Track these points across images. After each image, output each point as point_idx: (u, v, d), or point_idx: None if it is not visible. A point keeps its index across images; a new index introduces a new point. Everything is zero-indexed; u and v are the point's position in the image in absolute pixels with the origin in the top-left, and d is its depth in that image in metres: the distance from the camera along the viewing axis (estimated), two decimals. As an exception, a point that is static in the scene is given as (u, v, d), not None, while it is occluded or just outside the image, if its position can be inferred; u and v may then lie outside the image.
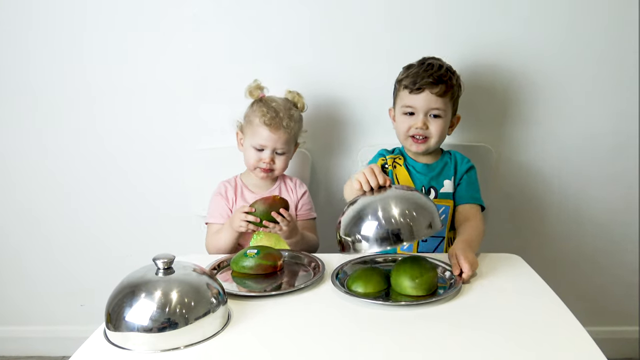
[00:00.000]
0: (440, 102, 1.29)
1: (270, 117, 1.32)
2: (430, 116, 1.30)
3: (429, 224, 0.97)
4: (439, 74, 1.28)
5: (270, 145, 1.34)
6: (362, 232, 0.95)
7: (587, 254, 1.69)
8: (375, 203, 0.98)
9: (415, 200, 1.00)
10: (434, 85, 1.27)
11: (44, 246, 1.75)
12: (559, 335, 0.83)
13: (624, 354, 1.71)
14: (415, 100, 1.30)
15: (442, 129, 1.31)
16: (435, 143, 1.33)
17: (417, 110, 1.30)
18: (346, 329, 0.87)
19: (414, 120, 1.31)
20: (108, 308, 0.84)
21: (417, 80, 1.28)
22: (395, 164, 1.37)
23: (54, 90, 1.61)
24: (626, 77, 1.54)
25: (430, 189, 1.34)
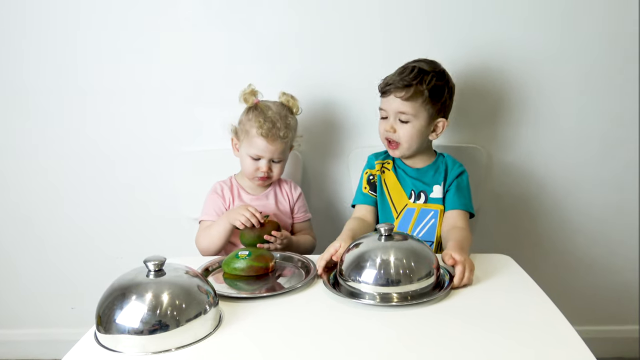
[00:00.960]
0: (407, 106, 1.25)
1: (267, 128, 1.30)
2: (399, 121, 1.28)
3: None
4: (407, 78, 1.25)
5: (267, 156, 1.34)
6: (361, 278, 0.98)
7: (579, 254, 1.70)
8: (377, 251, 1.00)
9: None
10: (399, 89, 1.25)
11: (35, 248, 1.74)
12: (548, 335, 0.84)
13: (623, 353, 1.72)
14: (384, 103, 1.30)
15: (411, 134, 1.28)
16: (407, 149, 1.30)
17: (387, 113, 1.29)
18: (338, 330, 0.87)
19: (385, 124, 1.30)
20: (99, 311, 0.84)
21: (387, 83, 1.28)
22: (383, 169, 1.36)
23: (47, 91, 1.60)
24: (617, 78, 1.55)
25: (420, 193, 1.33)
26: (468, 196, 1.32)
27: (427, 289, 0.97)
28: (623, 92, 1.56)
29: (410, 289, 0.95)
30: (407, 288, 0.95)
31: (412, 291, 0.95)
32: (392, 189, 1.34)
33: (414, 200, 1.32)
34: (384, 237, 1.00)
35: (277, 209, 1.41)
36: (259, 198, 1.41)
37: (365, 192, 1.36)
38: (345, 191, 1.63)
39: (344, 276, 1.00)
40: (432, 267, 0.99)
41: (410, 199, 1.32)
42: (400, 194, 1.33)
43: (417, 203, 1.32)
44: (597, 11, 1.50)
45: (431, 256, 1.01)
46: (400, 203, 1.33)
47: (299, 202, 1.45)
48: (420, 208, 1.31)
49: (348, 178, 1.59)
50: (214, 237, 1.31)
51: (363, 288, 0.96)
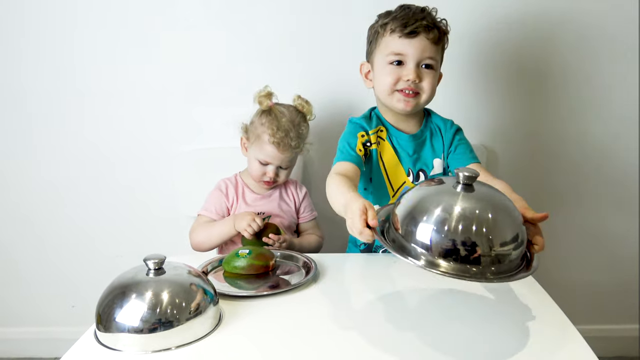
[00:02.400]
0: (434, 50, 1.11)
1: (279, 137, 1.28)
2: (422, 67, 1.12)
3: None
4: (432, 18, 1.12)
5: (276, 163, 1.33)
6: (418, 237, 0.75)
7: (579, 253, 1.69)
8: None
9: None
10: (429, 29, 1.10)
11: (35, 247, 1.74)
12: (550, 334, 0.83)
13: (624, 352, 1.72)
14: (408, 46, 1.10)
15: (434, 83, 1.14)
16: (425, 101, 1.15)
17: (407, 58, 1.11)
18: (339, 328, 0.87)
19: (404, 71, 1.12)
20: (98, 309, 0.83)
21: (410, 23, 1.09)
22: (378, 139, 1.18)
23: (46, 91, 1.60)
24: (618, 78, 1.54)
25: (419, 172, 1.20)
26: (471, 149, 1.21)
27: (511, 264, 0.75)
28: (624, 91, 1.56)
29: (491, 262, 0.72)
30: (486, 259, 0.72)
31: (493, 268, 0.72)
32: (388, 165, 1.19)
33: (413, 179, 1.20)
34: (461, 185, 0.77)
35: (281, 209, 1.41)
36: (264, 197, 1.41)
37: (359, 154, 1.14)
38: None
39: (401, 231, 0.77)
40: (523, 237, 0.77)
41: (408, 177, 1.20)
42: (397, 169, 1.19)
43: (417, 184, 1.18)
44: (597, 11, 1.50)
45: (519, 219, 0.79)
46: (398, 180, 1.19)
47: (304, 202, 1.45)
48: None
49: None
50: (213, 236, 1.31)
51: (422, 249, 0.74)
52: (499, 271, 0.73)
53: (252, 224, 1.24)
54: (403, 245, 0.76)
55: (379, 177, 1.19)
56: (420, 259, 0.73)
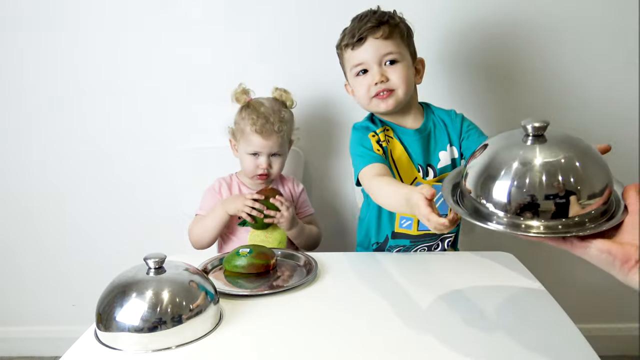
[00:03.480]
0: (390, 45, 1.12)
1: (261, 124, 1.30)
2: (386, 64, 1.14)
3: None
4: (376, 17, 1.13)
5: (265, 151, 1.33)
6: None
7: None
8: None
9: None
10: (375, 29, 1.12)
11: (36, 246, 1.74)
12: (551, 333, 0.83)
13: (625, 351, 1.72)
14: (362, 53, 1.14)
15: (406, 74, 1.14)
16: (404, 93, 1.14)
17: (368, 64, 1.14)
18: (340, 328, 0.87)
19: (370, 77, 1.14)
20: (98, 308, 0.83)
21: (356, 32, 1.13)
22: (387, 137, 1.20)
23: (46, 89, 1.60)
24: (618, 77, 1.54)
25: (427, 168, 1.20)
26: (480, 131, 1.22)
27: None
28: (624, 91, 1.55)
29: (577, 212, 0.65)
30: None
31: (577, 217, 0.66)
32: (398, 162, 1.20)
33: (423, 176, 1.20)
34: (531, 138, 0.69)
35: None
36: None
37: (379, 154, 1.15)
38: (347, 189, 1.62)
39: (474, 194, 0.72)
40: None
41: (419, 173, 1.20)
42: (408, 165, 1.19)
43: (427, 180, 1.19)
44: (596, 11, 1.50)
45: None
46: (409, 177, 1.19)
47: (302, 198, 1.45)
48: (431, 185, 1.11)
49: (350, 175, 1.58)
50: (207, 227, 1.32)
51: (496, 208, 0.68)
52: (588, 221, 0.66)
53: (247, 203, 1.26)
54: (479, 210, 0.71)
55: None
56: (501, 223, 0.68)
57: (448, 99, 1.55)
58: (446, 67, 1.54)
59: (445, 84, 1.55)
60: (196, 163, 1.59)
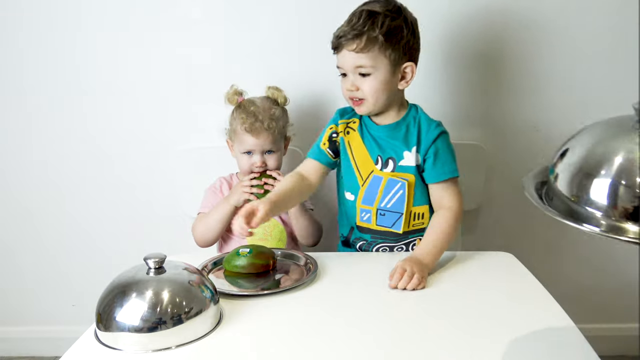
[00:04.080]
0: (363, 58, 1.11)
1: (250, 123, 1.32)
2: (359, 75, 1.14)
3: None
4: (357, 26, 1.11)
5: (257, 149, 1.35)
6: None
7: (580, 252, 1.69)
8: None
9: None
10: (350, 40, 1.11)
11: (36, 246, 1.74)
12: (551, 333, 0.83)
13: (625, 351, 1.72)
14: (339, 60, 1.16)
15: (375, 87, 1.14)
16: (374, 104, 1.16)
17: (345, 70, 1.16)
18: (340, 328, 0.87)
19: (344, 83, 1.17)
20: (98, 308, 0.83)
21: (335, 39, 1.15)
22: (348, 129, 1.23)
23: (46, 89, 1.59)
24: (618, 77, 1.54)
25: (388, 160, 1.20)
26: (450, 159, 1.19)
27: None
28: (624, 91, 1.55)
29: None
30: None
31: None
32: (357, 154, 1.22)
33: (381, 167, 1.20)
34: None
35: None
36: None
37: (323, 148, 1.25)
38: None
39: (567, 191, 0.64)
40: None
41: (376, 165, 1.20)
42: (365, 158, 1.21)
43: (385, 171, 1.19)
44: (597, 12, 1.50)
45: None
46: (366, 169, 1.21)
47: None
48: (387, 177, 1.19)
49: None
50: (212, 223, 1.34)
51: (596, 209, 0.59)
52: None
53: (245, 190, 1.31)
54: (571, 208, 0.63)
55: (349, 166, 1.23)
56: (600, 225, 0.59)
57: (448, 99, 1.56)
58: (446, 67, 1.54)
59: (445, 85, 1.55)
60: (196, 163, 1.59)
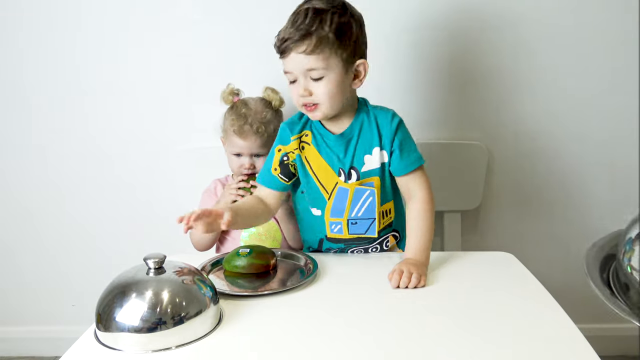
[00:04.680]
0: (314, 60, 1.03)
1: (239, 125, 1.32)
2: (310, 79, 1.06)
3: None
4: (303, 26, 1.03)
5: (246, 152, 1.34)
6: None
7: (580, 252, 1.68)
8: None
9: None
10: (298, 42, 1.03)
11: (36, 246, 1.74)
12: (551, 333, 0.83)
13: (625, 351, 1.72)
14: (287, 64, 1.07)
15: (330, 91, 1.06)
16: (330, 108, 1.08)
17: (294, 75, 1.07)
18: (340, 328, 0.87)
19: (295, 89, 1.08)
20: (98, 308, 0.83)
21: (281, 43, 1.06)
22: (302, 144, 1.16)
23: (46, 89, 1.60)
24: (618, 76, 1.54)
25: (350, 171, 1.13)
26: (413, 147, 1.14)
27: None
28: (624, 90, 1.55)
29: None
30: None
31: None
32: (317, 168, 1.15)
33: (345, 179, 1.14)
34: None
35: None
36: None
37: (275, 174, 1.16)
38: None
39: None
40: None
41: (340, 177, 1.14)
42: (327, 172, 1.15)
43: (350, 183, 1.14)
44: (597, 12, 1.49)
45: None
46: (330, 182, 1.14)
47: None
48: (354, 187, 1.14)
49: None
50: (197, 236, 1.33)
51: None
52: None
53: (232, 192, 1.31)
54: None
55: (310, 181, 1.16)
56: None
57: (448, 99, 1.56)
58: (446, 68, 1.54)
59: (445, 85, 1.54)
60: (196, 163, 1.59)
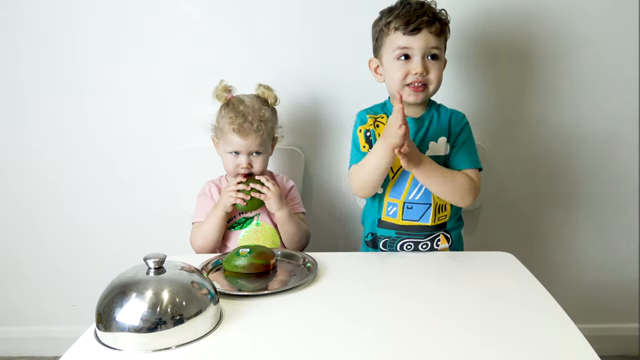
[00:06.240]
0: (438, 41, 1.17)
1: (239, 123, 1.29)
2: (428, 58, 1.18)
3: None
4: (433, 12, 1.18)
5: (244, 150, 1.31)
6: None
7: (580, 252, 1.69)
8: None
9: None
10: (430, 23, 1.16)
11: (36, 246, 1.74)
12: (551, 333, 0.83)
13: (625, 351, 1.72)
14: (413, 41, 1.16)
15: (440, 73, 1.19)
16: (434, 90, 1.20)
17: (413, 52, 1.17)
18: (340, 328, 0.87)
19: (412, 65, 1.17)
20: (98, 308, 0.83)
21: (412, 20, 1.16)
22: (378, 123, 1.25)
23: (46, 89, 1.59)
24: (618, 76, 1.54)
25: None
26: (474, 150, 1.24)
27: None
28: (624, 90, 1.55)
29: None
30: None
31: None
32: None
33: None
34: None
35: (266, 207, 1.36)
36: None
37: (365, 150, 1.24)
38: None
39: None
40: None
41: None
42: None
43: None
44: (597, 9, 1.49)
45: None
46: (396, 162, 1.18)
47: (291, 194, 1.42)
48: None
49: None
50: (206, 232, 1.31)
51: None
52: None
53: (231, 194, 1.27)
54: None
55: None
56: None
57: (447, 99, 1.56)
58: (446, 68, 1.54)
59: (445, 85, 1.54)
60: (198, 163, 1.59)
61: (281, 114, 1.43)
